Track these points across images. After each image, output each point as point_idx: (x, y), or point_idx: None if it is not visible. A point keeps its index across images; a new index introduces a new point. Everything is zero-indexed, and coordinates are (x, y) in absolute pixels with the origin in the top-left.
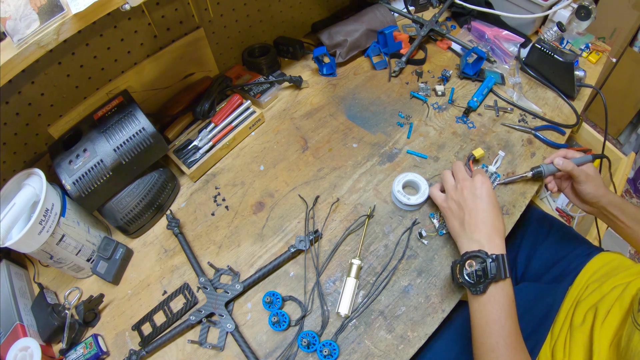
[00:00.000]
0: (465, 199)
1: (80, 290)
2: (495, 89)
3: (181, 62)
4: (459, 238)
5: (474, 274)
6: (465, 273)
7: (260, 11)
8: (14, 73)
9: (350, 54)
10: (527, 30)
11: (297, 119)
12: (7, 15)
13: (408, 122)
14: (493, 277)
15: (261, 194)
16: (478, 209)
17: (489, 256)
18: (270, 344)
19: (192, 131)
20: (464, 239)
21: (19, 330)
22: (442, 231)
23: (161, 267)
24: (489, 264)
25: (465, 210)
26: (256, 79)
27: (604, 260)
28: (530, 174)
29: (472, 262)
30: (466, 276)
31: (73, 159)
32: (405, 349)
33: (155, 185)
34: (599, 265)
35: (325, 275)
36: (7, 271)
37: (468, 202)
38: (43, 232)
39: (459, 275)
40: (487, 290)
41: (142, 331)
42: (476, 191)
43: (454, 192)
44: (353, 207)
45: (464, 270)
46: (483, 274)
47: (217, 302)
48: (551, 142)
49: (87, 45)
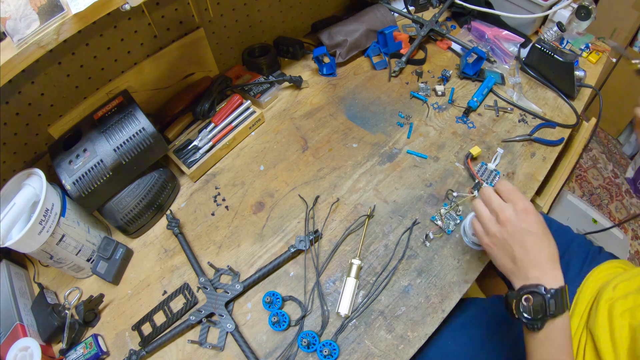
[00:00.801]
0: (512, 235)
1: (80, 290)
2: (495, 89)
3: (181, 62)
4: (513, 276)
5: (531, 310)
6: (522, 309)
7: (260, 11)
8: (14, 73)
9: (350, 54)
10: (527, 30)
11: (297, 119)
12: (7, 15)
13: (408, 122)
14: (552, 314)
15: (261, 194)
16: (528, 242)
17: (548, 291)
18: (270, 344)
19: (192, 131)
20: (519, 277)
21: (19, 330)
22: (449, 229)
23: (161, 267)
24: (548, 299)
25: (514, 247)
26: (256, 79)
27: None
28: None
29: (529, 297)
30: (523, 312)
31: (73, 159)
32: (405, 349)
33: (155, 185)
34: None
35: (325, 275)
36: (7, 271)
37: (516, 237)
38: (43, 232)
39: (515, 311)
40: (544, 326)
41: (142, 331)
42: (522, 224)
43: (495, 227)
44: (353, 207)
45: (520, 306)
46: (541, 310)
47: (217, 302)
48: (551, 142)
49: (87, 45)
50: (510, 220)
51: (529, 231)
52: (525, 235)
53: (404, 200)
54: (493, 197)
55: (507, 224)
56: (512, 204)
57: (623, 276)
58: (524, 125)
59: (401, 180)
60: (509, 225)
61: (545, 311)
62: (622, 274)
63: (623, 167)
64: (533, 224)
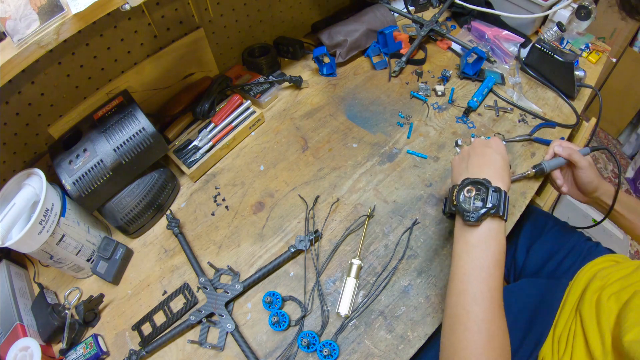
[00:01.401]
0: (474, 147)
1: (80, 290)
2: (495, 89)
3: (181, 62)
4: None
5: (471, 201)
6: (462, 199)
7: (260, 11)
8: (14, 73)
9: (350, 54)
10: (527, 30)
11: (297, 119)
12: (7, 15)
13: (408, 122)
14: (491, 208)
15: (261, 194)
16: (487, 154)
17: (493, 186)
18: (270, 344)
19: (192, 131)
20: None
21: (19, 330)
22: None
23: (161, 267)
24: (491, 192)
25: (472, 156)
26: (256, 79)
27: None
28: (532, 171)
29: (472, 188)
30: (462, 202)
31: (73, 159)
32: (405, 349)
33: (155, 185)
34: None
35: (325, 275)
36: (7, 271)
37: (477, 149)
38: (43, 232)
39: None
40: (481, 222)
41: (142, 331)
42: (486, 143)
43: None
44: (353, 207)
45: (460, 195)
46: (483, 203)
47: (217, 302)
48: (548, 141)
49: (87, 45)
50: (479, 141)
51: (490, 147)
52: (485, 148)
53: (404, 200)
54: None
55: (475, 142)
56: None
57: (615, 267)
58: (524, 125)
59: (401, 180)
60: (476, 143)
61: (485, 204)
62: (614, 265)
63: (623, 167)
64: (495, 145)
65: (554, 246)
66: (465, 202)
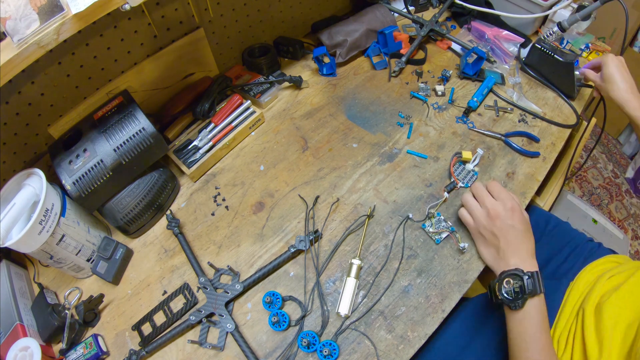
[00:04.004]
0: (500, 229)
1: (80, 290)
2: (495, 89)
3: (181, 62)
4: (495, 264)
5: (512, 291)
6: (504, 291)
7: (260, 11)
8: (14, 73)
9: (350, 54)
10: (527, 30)
11: (297, 119)
12: (7, 15)
13: (408, 122)
14: (530, 292)
15: (261, 194)
16: (512, 236)
17: (525, 273)
18: (270, 344)
19: (192, 131)
20: (500, 264)
21: (19, 330)
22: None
23: (161, 267)
24: (526, 280)
25: (500, 239)
26: (256, 79)
27: (611, 260)
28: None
29: (509, 280)
30: (505, 293)
31: (73, 159)
32: (405, 349)
33: (155, 185)
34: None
35: (325, 275)
36: (7, 271)
37: (503, 232)
38: (43, 232)
39: (498, 293)
40: (524, 305)
41: (142, 331)
42: (509, 220)
43: (485, 221)
44: (353, 207)
45: (502, 288)
46: (520, 290)
47: (217, 302)
48: (522, 150)
49: (87, 45)
50: (500, 216)
51: (514, 227)
52: (510, 230)
53: (404, 200)
54: (485, 193)
55: (496, 219)
56: (502, 203)
57: (617, 269)
58: (524, 125)
59: (401, 180)
60: (497, 220)
61: (524, 291)
62: (616, 267)
63: (623, 167)
64: (518, 222)
65: (555, 247)
66: (507, 293)
